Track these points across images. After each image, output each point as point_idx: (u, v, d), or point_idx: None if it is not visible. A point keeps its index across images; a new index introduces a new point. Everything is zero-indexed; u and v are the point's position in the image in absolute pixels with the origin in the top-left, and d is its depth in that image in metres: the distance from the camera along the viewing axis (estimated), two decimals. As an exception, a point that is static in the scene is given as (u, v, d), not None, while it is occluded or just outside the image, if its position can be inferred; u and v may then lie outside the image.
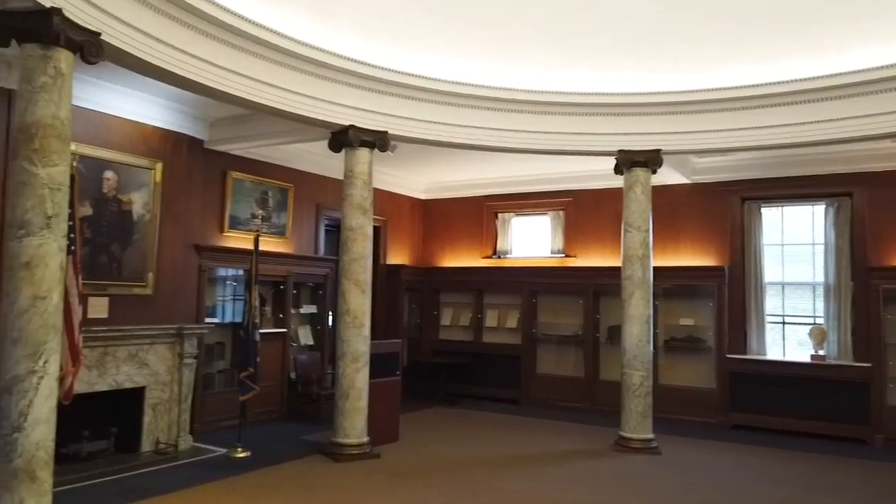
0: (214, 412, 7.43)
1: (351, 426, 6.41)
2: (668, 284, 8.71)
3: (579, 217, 9.96)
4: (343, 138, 6.53)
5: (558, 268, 9.95)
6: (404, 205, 10.97)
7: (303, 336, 8.89)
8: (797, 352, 8.44)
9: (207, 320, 7.47)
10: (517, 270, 10.18)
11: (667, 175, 8.39)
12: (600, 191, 9.52)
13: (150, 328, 6.44)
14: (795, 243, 8.67)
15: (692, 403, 8.55)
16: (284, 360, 8.37)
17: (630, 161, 7.13)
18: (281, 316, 8.40)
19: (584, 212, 9.90)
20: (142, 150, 6.67)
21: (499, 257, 10.63)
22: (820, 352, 8.02)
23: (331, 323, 8.84)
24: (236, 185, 7.99)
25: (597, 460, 6.68)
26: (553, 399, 9.46)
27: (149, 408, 6.46)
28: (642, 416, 6.97)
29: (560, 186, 9.94)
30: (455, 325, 10.69)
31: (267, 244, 7.94)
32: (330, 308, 8.76)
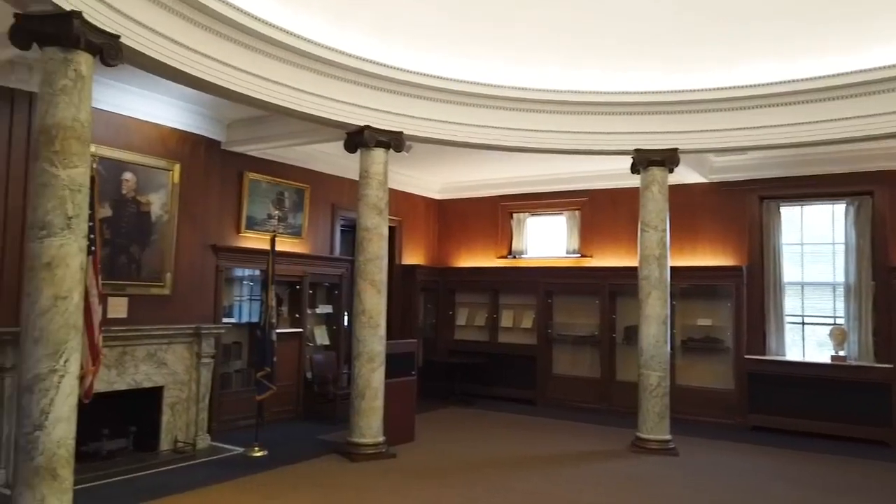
0: (232, 411, 7.48)
1: (367, 426, 6.42)
2: (686, 284, 8.63)
3: (595, 217, 9.91)
4: (358, 139, 6.54)
5: (574, 268, 9.91)
6: (419, 205, 10.98)
7: (319, 336, 8.93)
8: (817, 353, 8.34)
9: (224, 320, 7.53)
10: (532, 270, 10.14)
11: (684, 174, 8.32)
12: (616, 190, 9.48)
13: (169, 328, 6.50)
14: (815, 242, 8.56)
15: (710, 404, 8.47)
16: (300, 360, 8.41)
17: (647, 160, 7.08)
18: (297, 316, 8.45)
19: (600, 212, 9.85)
20: (160, 152, 6.72)
21: (514, 257, 10.61)
22: (840, 353, 7.91)
23: (346, 323, 8.87)
24: (253, 186, 8.05)
25: (613, 461, 6.64)
26: (569, 400, 9.41)
27: (167, 407, 6.52)
28: (659, 417, 6.92)
29: (575, 186, 9.89)
30: (470, 326, 10.68)
31: (283, 244, 7.97)
32: (346, 308, 8.78)
